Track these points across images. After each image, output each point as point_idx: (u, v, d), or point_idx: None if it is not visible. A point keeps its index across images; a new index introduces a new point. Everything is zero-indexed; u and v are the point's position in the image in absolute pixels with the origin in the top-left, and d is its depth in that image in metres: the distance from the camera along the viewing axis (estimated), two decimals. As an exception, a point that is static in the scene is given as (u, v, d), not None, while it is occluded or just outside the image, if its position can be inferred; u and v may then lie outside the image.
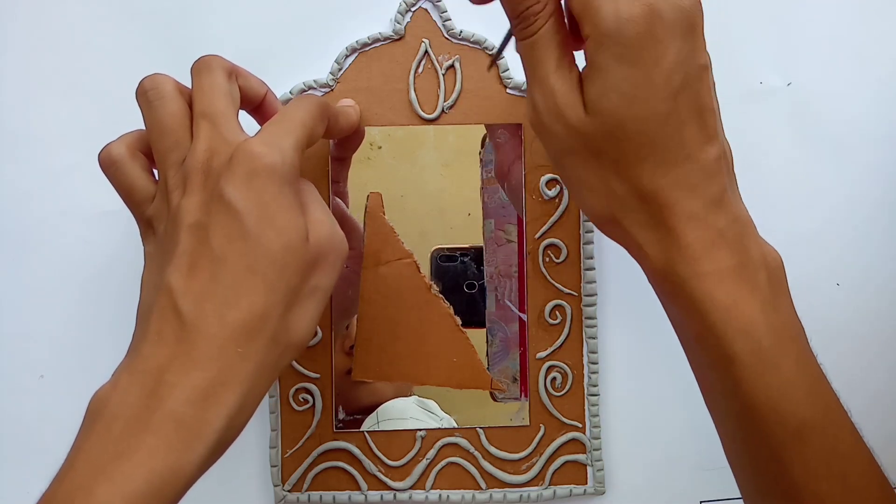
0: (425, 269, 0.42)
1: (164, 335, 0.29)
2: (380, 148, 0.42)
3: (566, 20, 0.30)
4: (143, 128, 0.34)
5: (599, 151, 0.30)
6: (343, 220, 0.39)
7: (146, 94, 0.33)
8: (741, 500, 0.44)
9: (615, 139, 0.29)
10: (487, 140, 0.42)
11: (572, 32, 0.30)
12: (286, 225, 0.30)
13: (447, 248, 0.42)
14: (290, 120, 0.32)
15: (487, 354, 0.42)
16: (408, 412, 0.42)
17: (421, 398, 0.42)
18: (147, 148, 0.34)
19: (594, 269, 0.42)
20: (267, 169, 0.30)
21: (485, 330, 0.42)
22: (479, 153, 0.42)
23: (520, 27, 0.30)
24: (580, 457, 0.43)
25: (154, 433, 0.28)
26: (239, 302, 0.29)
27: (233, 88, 0.34)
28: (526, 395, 0.42)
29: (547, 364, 0.42)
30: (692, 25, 0.28)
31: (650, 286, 0.44)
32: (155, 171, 0.34)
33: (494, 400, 0.42)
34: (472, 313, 0.42)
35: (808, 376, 0.29)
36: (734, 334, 0.28)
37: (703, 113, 0.29)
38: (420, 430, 0.42)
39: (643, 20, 0.27)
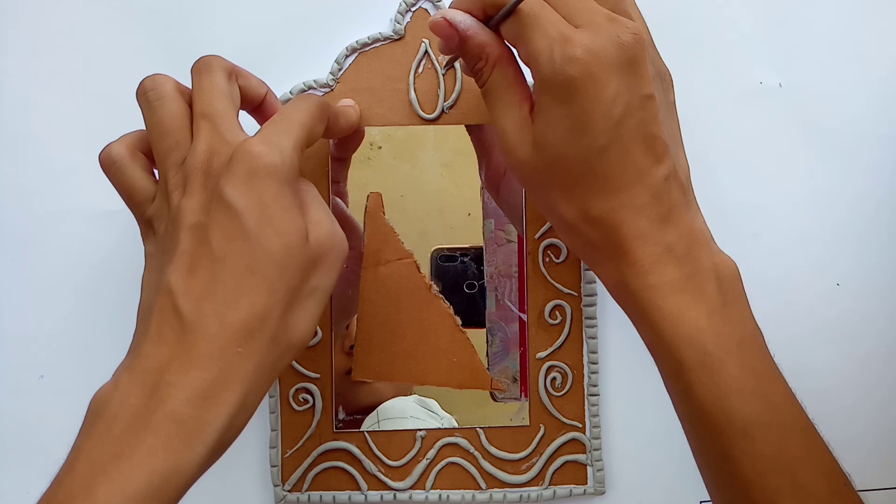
0: (425, 269, 0.42)
1: (165, 335, 0.29)
2: (380, 148, 0.42)
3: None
4: (144, 128, 0.34)
5: (548, 182, 0.32)
6: (343, 220, 0.39)
7: (146, 95, 0.33)
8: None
9: (560, 171, 0.31)
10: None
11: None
12: (286, 225, 0.30)
13: (447, 249, 0.42)
14: (290, 120, 0.32)
15: (487, 354, 0.42)
16: (408, 411, 0.42)
17: (421, 397, 0.42)
18: (147, 148, 0.34)
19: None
20: (266, 169, 0.30)
21: (485, 330, 0.42)
22: (480, 153, 0.42)
23: (475, 79, 0.34)
24: (580, 457, 0.43)
25: (154, 433, 0.28)
26: (239, 302, 0.29)
27: (233, 89, 0.34)
28: (526, 396, 0.42)
29: (547, 364, 0.42)
30: (632, 59, 0.30)
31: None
32: (156, 172, 0.34)
33: (494, 400, 0.42)
34: (472, 313, 0.42)
35: (755, 378, 0.30)
36: (680, 341, 0.30)
37: (648, 139, 0.30)
38: (420, 430, 0.42)
39: (579, 63, 0.29)
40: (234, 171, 0.30)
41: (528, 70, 0.32)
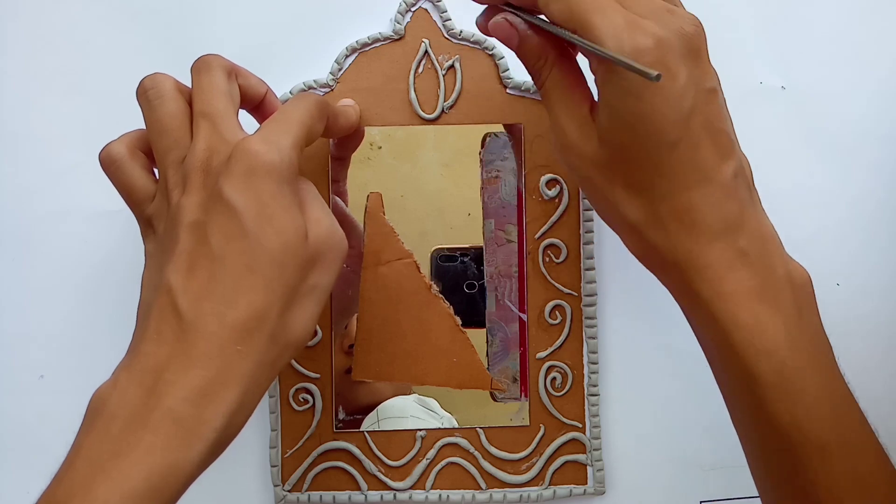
0: (425, 269, 0.42)
1: (164, 334, 0.29)
2: (380, 148, 0.42)
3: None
4: (144, 127, 0.34)
5: (613, 181, 0.30)
6: (342, 219, 0.39)
7: (146, 94, 0.33)
8: (741, 501, 0.44)
9: (626, 168, 0.30)
10: (488, 140, 0.42)
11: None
12: (285, 223, 0.30)
13: (447, 249, 0.42)
14: (289, 118, 0.32)
15: (487, 354, 0.42)
16: (408, 410, 0.42)
17: (421, 396, 0.42)
18: (147, 147, 0.34)
19: (594, 269, 0.42)
20: (265, 167, 0.30)
21: (485, 330, 0.42)
22: (480, 153, 0.42)
23: (534, 79, 0.33)
24: (580, 457, 0.43)
25: (153, 432, 0.28)
26: (238, 301, 0.29)
27: (232, 87, 0.34)
28: (526, 396, 0.42)
29: (547, 364, 0.42)
30: (697, 50, 0.29)
31: (650, 286, 0.44)
32: (155, 171, 0.34)
33: (494, 400, 0.42)
34: (472, 313, 0.42)
35: (833, 396, 0.29)
36: (757, 354, 0.28)
37: (716, 134, 0.29)
38: (420, 429, 0.42)
39: (650, 52, 0.28)
40: (233, 169, 0.30)
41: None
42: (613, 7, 0.29)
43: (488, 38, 0.42)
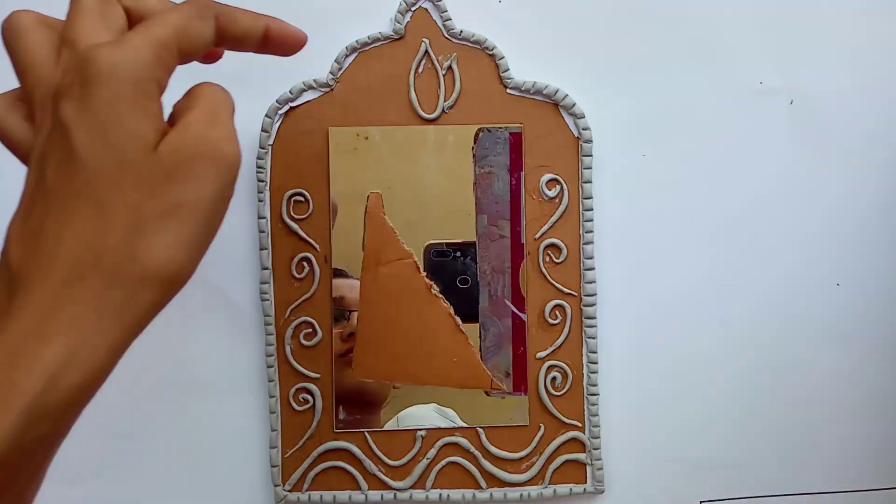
0: (418, 264, 0.42)
1: None
2: (366, 139, 0.42)
3: None
4: None
5: None
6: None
7: (4, 36, 0.29)
8: (741, 501, 0.44)
9: None
10: (480, 135, 0.42)
11: None
12: (121, 136, 0.26)
13: (440, 244, 0.42)
14: (159, 18, 0.28)
15: (480, 349, 0.42)
16: (427, 420, 0.42)
17: (440, 406, 0.42)
18: None
19: (594, 269, 0.42)
20: (105, 71, 0.26)
21: (478, 325, 0.42)
22: (472, 148, 0.42)
23: None
24: (580, 456, 0.43)
25: None
26: (62, 235, 0.25)
27: (110, 9, 0.29)
28: (520, 391, 0.42)
29: (547, 364, 0.42)
30: None
31: (650, 286, 0.44)
32: None
33: (487, 395, 0.42)
34: (465, 308, 0.42)
35: None
36: None
37: None
38: (420, 429, 0.42)
39: None
40: (73, 83, 0.26)
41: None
42: None
43: (488, 37, 0.42)
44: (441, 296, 0.42)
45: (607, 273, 0.43)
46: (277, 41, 0.33)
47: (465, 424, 0.42)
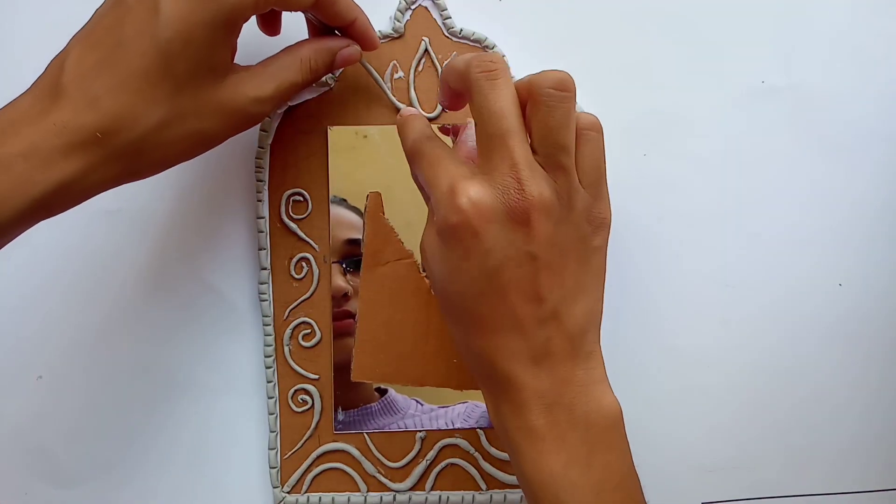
0: (418, 264, 0.42)
1: (40, 89, 0.32)
2: (365, 137, 0.41)
3: None
4: None
5: (443, 303, 0.33)
6: None
7: None
8: (743, 502, 0.44)
9: (446, 304, 0.32)
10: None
11: None
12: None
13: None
14: None
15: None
16: None
17: None
18: None
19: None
20: None
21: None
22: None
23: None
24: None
25: None
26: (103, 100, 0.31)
27: None
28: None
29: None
30: (519, 216, 0.30)
31: (650, 286, 0.44)
32: None
33: None
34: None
35: None
36: (536, 487, 0.31)
37: (526, 293, 0.31)
38: (420, 430, 0.42)
39: (461, 213, 0.30)
40: None
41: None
42: (448, 168, 0.31)
43: (488, 36, 0.42)
44: (441, 296, 0.42)
45: (607, 273, 0.43)
46: (358, 35, 0.38)
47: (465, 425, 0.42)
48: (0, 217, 0.30)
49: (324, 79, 0.41)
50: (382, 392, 0.42)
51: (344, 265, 0.42)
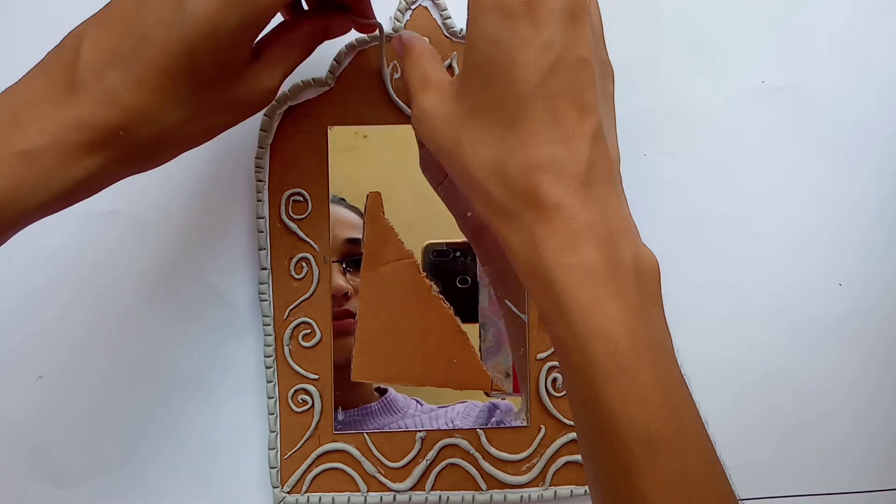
0: (418, 264, 0.42)
1: (51, 68, 0.30)
2: (365, 137, 0.41)
3: None
4: None
5: (464, 134, 0.30)
6: None
7: None
8: (743, 502, 0.44)
9: (480, 119, 0.29)
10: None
11: None
12: None
13: (440, 244, 0.42)
14: None
15: (480, 349, 0.42)
16: None
17: None
18: None
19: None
20: None
21: (478, 325, 0.42)
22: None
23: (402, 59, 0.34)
24: (581, 457, 0.42)
25: None
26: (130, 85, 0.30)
27: None
28: (518, 391, 0.42)
29: (547, 365, 0.42)
30: (574, 16, 0.29)
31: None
32: None
33: (487, 395, 0.42)
34: (465, 309, 0.42)
35: (666, 387, 0.28)
36: (593, 335, 0.27)
37: (577, 101, 0.29)
38: (420, 430, 0.42)
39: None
40: None
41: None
42: None
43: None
44: (441, 296, 0.42)
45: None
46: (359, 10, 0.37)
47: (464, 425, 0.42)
48: (23, 209, 0.30)
49: (324, 78, 0.41)
50: (382, 392, 0.42)
51: (344, 264, 0.42)
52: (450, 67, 0.41)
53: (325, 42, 0.41)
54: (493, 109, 0.29)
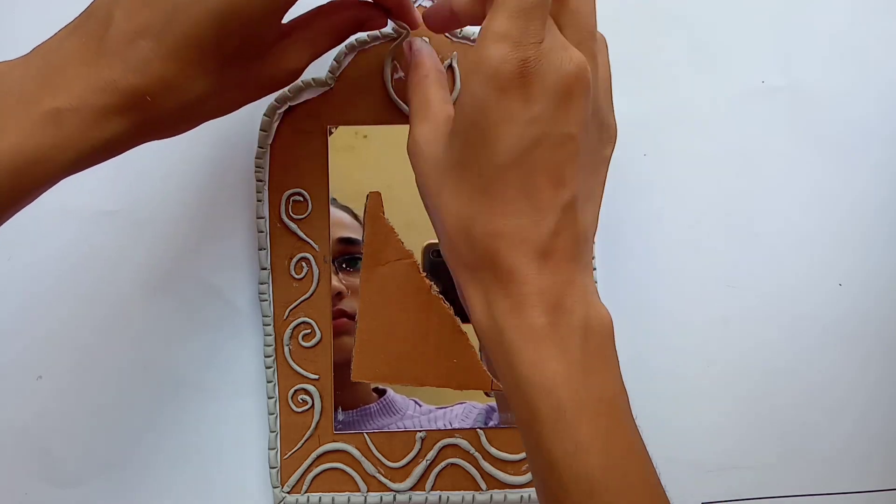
0: (418, 264, 0.42)
1: (85, 28, 0.31)
2: (365, 137, 0.41)
3: None
4: None
5: (444, 185, 0.31)
6: None
7: None
8: (743, 502, 0.44)
9: (462, 177, 0.30)
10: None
11: None
12: None
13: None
14: None
15: (480, 350, 0.42)
16: None
17: None
18: None
19: (595, 268, 0.42)
20: None
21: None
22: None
23: (411, 73, 0.35)
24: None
25: (30, 122, 0.29)
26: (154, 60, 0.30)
27: None
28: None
29: (547, 365, 0.42)
30: (567, 93, 0.29)
31: (650, 287, 0.44)
32: None
33: (487, 396, 0.42)
34: (464, 309, 0.42)
35: (610, 440, 0.29)
36: (536, 391, 0.29)
37: (553, 177, 0.29)
38: (420, 430, 0.42)
39: (514, 69, 0.28)
40: None
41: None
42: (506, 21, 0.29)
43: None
44: (441, 296, 0.42)
45: (607, 273, 0.43)
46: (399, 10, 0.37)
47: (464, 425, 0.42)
48: (50, 169, 0.30)
49: (324, 79, 0.41)
50: (380, 392, 0.42)
51: (335, 264, 0.42)
52: (449, 68, 0.41)
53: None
54: (471, 171, 0.30)
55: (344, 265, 0.42)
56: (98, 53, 0.30)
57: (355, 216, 0.42)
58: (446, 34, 0.42)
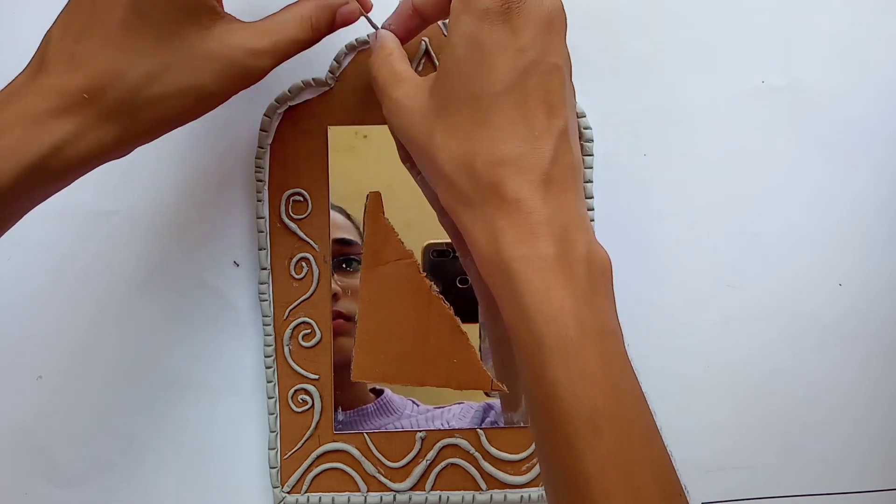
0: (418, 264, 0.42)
1: (31, 64, 0.32)
2: (365, 137, 0.41)
3: None
4: None
5: (436, 127, 0.32)
6: None
7: None
8: (743, 502, 0.44)
9: (453, 116, 0.31)
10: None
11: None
12: None
13: (440, 243, 0.42)
14: None
15: (480, 349, 0.42)
16: None
17: None
18: None
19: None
20: None
21: (478, 325, 0.42)
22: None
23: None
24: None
25: None
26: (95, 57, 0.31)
27: None
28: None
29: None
30: (552, 24, 0.31)
31: (650, 287, 0.43)
32: None
33: (487, 395, 0.42)
34: (464, 309, 0.42)
35: (610, 369, 0.29)
36: (543, 320, 0.29)
37: (547, 103, 0.30)
38: (420, 430, 0.42)
39: (503, 1, 0.30)
40: None
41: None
42: None
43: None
44: (441, 296, 0.42)
45: (608, 273, 0.43)
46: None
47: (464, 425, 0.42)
48: None
49: (324, 78, 0.41)
50: (378, 393, 0.42)
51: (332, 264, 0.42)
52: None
53: (326, 42, 0.41)
54: (467, 106, 0.31)
55: (341, 266, 0.42)
56: (39, 70, 0.32)
57: (349, 217, 0.42)
58: (445, 34, 0.41)
